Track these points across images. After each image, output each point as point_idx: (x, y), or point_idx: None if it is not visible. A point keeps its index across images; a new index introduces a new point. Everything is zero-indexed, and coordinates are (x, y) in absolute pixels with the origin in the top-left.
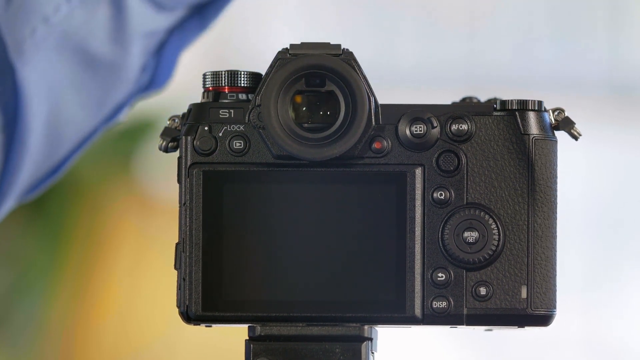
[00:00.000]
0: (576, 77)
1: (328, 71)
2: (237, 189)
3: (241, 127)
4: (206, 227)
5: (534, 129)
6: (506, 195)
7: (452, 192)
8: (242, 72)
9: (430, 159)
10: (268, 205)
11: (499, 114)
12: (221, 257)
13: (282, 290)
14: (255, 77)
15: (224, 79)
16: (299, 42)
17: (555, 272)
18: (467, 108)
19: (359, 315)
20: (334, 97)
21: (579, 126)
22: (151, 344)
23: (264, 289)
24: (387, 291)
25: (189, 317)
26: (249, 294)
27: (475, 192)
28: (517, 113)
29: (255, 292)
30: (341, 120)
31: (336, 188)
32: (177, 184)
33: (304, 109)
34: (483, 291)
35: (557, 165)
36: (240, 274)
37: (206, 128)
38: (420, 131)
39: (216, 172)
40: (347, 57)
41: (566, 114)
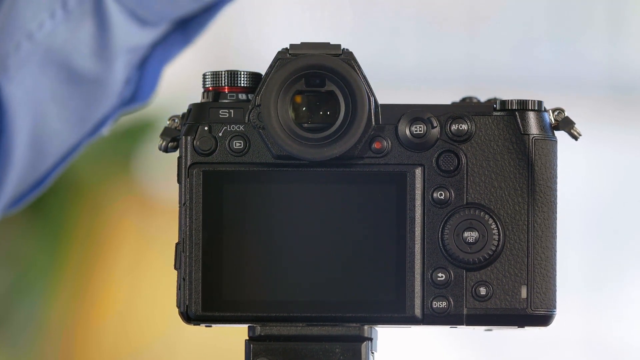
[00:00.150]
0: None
1: (328, 71)
2: (237, 189)
3: (241, 127)
4: (206, 227)
5: (533, 129)
6: (506, 195)
7: (452, 192)
8: (242, 72)
9: (430, 159)
10: (268, 205)
11: (498, 114)
12: (221, 257)
13: (282, 290)
14: (255, 77)
15: (223, 79)
16: (299, 42)
17: (555, 272)
18: (467, 108)
19: (359, 315)
20: (334, 97)
21: (579, 126)
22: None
23: (264, 289)
24: (387, 291)
25: (189, 317)
26: (249, 294)
27: (475, 192)
28: (517, 113)
29: (255, 292)
30: (341, 120)
31: (336, 188)
32: (177, 184)
33: (304, 109)
34: (483, 291)
35: (557, 165)
36: (240, 274)
37: (206, 128)
38: (420, 131)
39: (216, 172)
40: (347, 57)
41: (566, 114)
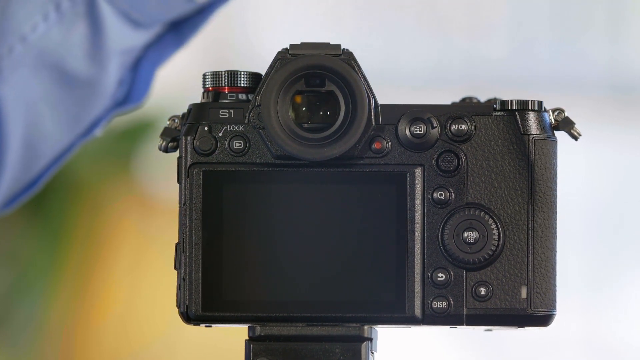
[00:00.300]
0: (576, 77)
1: (328, 71)
2: (237, 189)
3: (241, 127)
4: (206, 227)
5: (533, 129)
6: (506, 195)
7: (452, 192)
8: (242, 72)
9: (430, 159)
10: (268, 205)
11: (498, 114)
12: (221, 257)
13: (282, 290)
14: (255, 77)
15: (223, 79)
16: (299, 42)
17: (555, 272)
18: (467, 108)
19: (359, 316)
20: (334, 97)
21: (579, 126)
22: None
23: (264, 289)
24: (387, 291)
25: (188, 317)
26: (248, 294)
27: (475, 192)
28: (517, 113)
29: (255, 292)
30: (341, 120)
31: (336, 188)
32: (177, 184)
33: (303, 109)
34: (483, 291)
35: (557, 165)
36: (240, 274)
37: (206, 128)
38: (420, 131)
39: (216, 172)
40: (347, 57)
41: (566, 114)
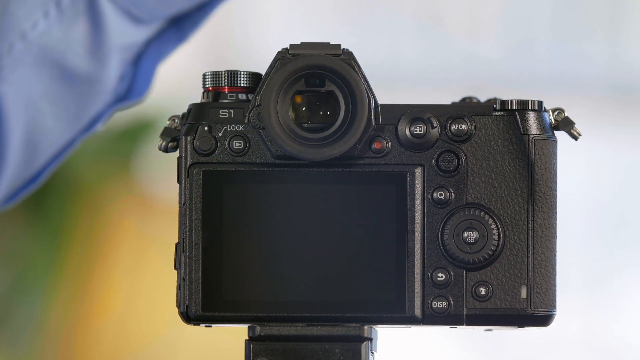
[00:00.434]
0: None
1: (328, 71)
2: (237, 189)
3: (241, 127)
4: (206, 227)
5: (533, 129)
6: (506, 195)
7: (452, 192)
8: (242, 72)
9: (430, 159)
10: (268, 205)
11: (498, 114)
12: (221, 257)
13: (282, 290)
14: (255, 77)
15: (223, 79)
16: (299, 42)
17: (555, 272)
18: (467, 108)
19: (359, 316)
20: (334, 97)
21: (579, 126)
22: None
23: (264, 289)
24: (387, 291)
25: (188, 317)
26: (248, 294)
27: (475, 192)
28: (517, 113)
29: (255, 292)
30: (341, 120)
31: (336, 188)
32: (177, 184)
33: (303, 109)
34: (483, 291)
35: (557, 165)
36: (240, 274)
37: (206, 128)
38: (420, 131)
39: (216, 172)
40: (347, 57)
41: (566, 114)
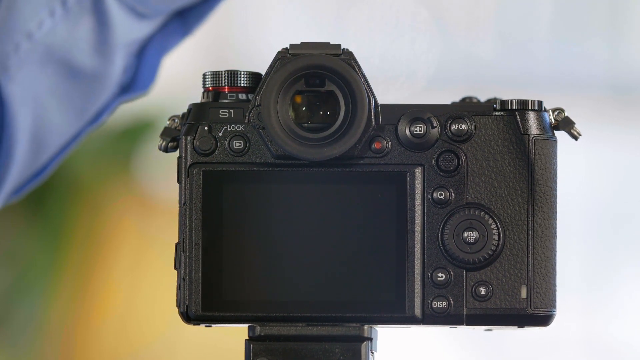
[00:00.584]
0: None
1: (328, 71)
2: (237, 189)
3: (241, 127)
4: (206, 227)
5: (533, 128)
6: (506, 195)
7: (452, 192)
8: (242, 72)
9: (430, 159)
10: (268, 205)
11: (498, 114)
12: (221, 257)
13: (282, 290)
14: (255, 77)
15: (224, 79)
16: (299, 42)
17: (555, 272)
18: (467, 108)
19: (359, 315)
20: (334, 97)
21: (579, 126)
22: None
23: (264, 289)
24: (387, 291)
25: (188, 317)
26: (248, 294)
27: (475, 192)
28: (517, 113)
29: (255, 292)
30: (341, 120)
31: (336, 188)
32: (177, 184)
33: (303, 109)
34: (483, 291)
35: (557, 165)
36: (240, 274)
37: (206, 128)
38: (420, 131)
39: (216, 172)
40: (347, 57)
41: (566, 114)
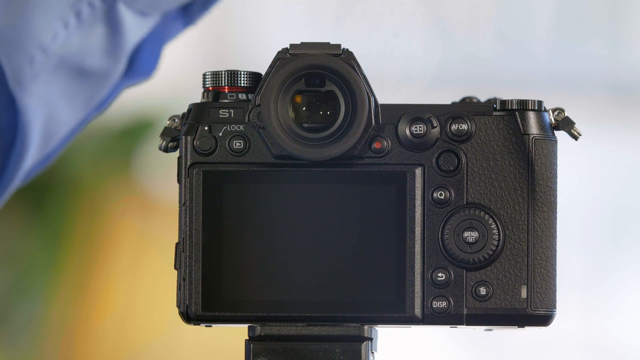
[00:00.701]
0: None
1: (328, 71)
2: (237, 189)
3: (241, 127)
4: (206, 227)
5: (533, 128)
6: (506, 195)
7: (452, 192)
8: (242, 72)
9: (430, 159)
10: (268, 205)
11: (498, 113)
12: (221, 257)
13: (282, 290)
14: (255, 77)
15: (224, 78)
16: (299, 42)
17: (555, 272)
18: (467, 108)
19: (359, 315)
20: (334, 97)
21: (579, 126)
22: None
23: (264, 289)
24: (387, 291)
25: (188, 317)
26: (248, 294)
27: (475, 192)
28: (517, 113)
29: (255, 292)
30: (341, 120)
31: (336, 188)
32: (177, 184)
33: (303, 109)
34: (483, 291)
35: (557, 165)
36: (240, 274)
37: (206, 128)
38: (420, 131)
39: (216, 172)
40: (347, 57)
41: (566, 114)
